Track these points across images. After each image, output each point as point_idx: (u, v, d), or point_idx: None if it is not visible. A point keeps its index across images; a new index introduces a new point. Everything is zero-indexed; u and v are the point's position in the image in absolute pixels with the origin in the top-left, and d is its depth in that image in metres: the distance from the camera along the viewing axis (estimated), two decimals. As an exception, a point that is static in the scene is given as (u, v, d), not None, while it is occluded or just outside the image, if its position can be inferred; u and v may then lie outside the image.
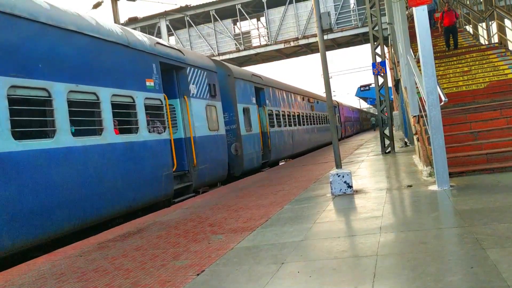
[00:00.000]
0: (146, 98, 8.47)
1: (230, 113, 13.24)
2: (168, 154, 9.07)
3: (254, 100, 14.97)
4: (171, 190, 9.02)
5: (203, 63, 11.46)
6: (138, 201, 7.90)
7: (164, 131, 9.03)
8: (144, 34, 9.21)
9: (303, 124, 22.63)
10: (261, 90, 16.33)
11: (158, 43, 9.40)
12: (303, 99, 23.46)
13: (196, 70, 10.86)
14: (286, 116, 19.24)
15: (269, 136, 16.17)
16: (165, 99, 9.26)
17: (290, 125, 19.59)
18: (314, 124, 25.61)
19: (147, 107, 8.50)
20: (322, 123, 28.72)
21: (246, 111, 14.11)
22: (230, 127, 13.20)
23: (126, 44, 8.08)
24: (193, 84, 10.57)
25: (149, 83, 8.65)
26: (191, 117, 10.28)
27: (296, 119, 21.13)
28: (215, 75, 12.11)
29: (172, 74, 10.21)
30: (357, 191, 7.16)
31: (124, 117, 7.99)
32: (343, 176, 7.07)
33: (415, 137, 10.55)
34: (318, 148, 25.54)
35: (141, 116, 8.24)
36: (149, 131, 8.46)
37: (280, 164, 18.39)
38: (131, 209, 7.71)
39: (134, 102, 8.08)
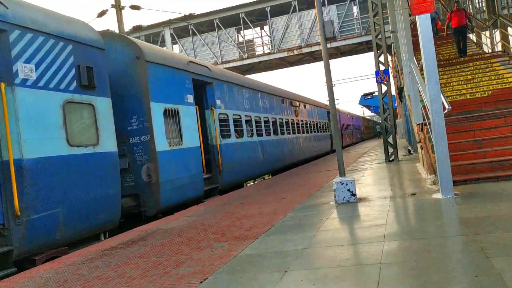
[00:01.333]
0: None
1: (140, 117, 8.87)
2: None
3: (191, 99, 10.58)
4: None
5: (63, 29, 6.87)
6: None
7: None
8: None
9: (281, 133, 17.98)
10: (208, 85, 11.85)
11: None
12: (283, 102, 18.88)
13: (38, 38, 6.37)
14: (253, 122, 14.71)
15: (219, 151, 11.65)
16: None
17: (259, 135, 15.09)
18: (298, 133, 20.95)
19: None
20: (311, 132, 23.85)
21: (172, 114, 9.66)
22: (140, 139, 8.84)
23: None
24: (27, 62, 6.13)
25: None
26: (13, 122, 5.77)
27: (271, 127, 16.56)
28: (99, 52, 7.59)
29: None
30: (360, 199, 7.14)
31: None
32: (346, 184, 7.06)
33: (418, 145, 10.53)
34: (305, 163, 20.99)
35: None
36: None
37: (245, 186, 13.88)
38: None
39: None
